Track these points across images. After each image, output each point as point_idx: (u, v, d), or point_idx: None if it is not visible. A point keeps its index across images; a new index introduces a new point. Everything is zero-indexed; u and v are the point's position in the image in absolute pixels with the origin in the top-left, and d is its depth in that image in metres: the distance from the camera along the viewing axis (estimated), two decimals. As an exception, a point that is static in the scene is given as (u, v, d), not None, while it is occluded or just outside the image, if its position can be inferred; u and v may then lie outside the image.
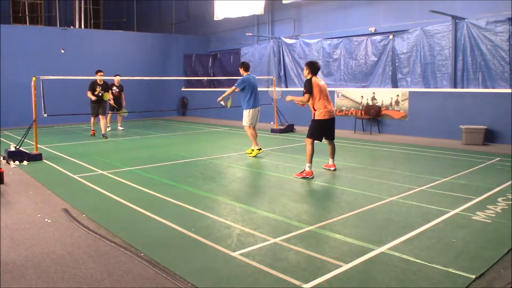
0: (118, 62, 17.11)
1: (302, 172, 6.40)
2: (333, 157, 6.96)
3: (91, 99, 11.50)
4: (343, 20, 14.16)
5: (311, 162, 6.32)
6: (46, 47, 15.78)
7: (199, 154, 8.73)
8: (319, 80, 6.59)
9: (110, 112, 12.72)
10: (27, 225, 4.36)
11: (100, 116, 11.56)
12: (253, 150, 8.40)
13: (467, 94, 10.61)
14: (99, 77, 11.49)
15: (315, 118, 6.47)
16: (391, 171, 6.95)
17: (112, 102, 12.59)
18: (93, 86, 11.54)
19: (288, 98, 6.89)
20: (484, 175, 6.56)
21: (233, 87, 8.47)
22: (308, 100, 6.44)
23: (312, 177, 6.30)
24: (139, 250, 3.67)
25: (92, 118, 11.82)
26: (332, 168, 6.92)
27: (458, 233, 4.04)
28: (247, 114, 8.44)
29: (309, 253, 3.57)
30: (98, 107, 11.57)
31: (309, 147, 6.37)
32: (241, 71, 8.53)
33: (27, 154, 7.92)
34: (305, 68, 6.59)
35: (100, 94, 11.47)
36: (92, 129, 11.97)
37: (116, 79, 13.01)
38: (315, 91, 6.37)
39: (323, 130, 6.52)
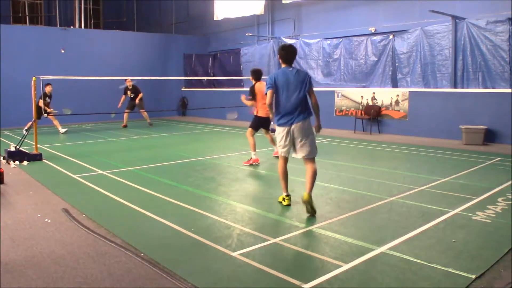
0: (118, 62, 17.12)
1: (249, 160, 7.57)
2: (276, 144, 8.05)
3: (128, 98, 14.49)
4: (343, 20, 14.15)
5: (255, 150, 7.56)
6: (46, 47, 15.76)
7: (199, 154, 8.73)
8: (263, 85, 7.44)
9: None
10: (27, 225, 4.36)
11: (141, 111, 14.47)
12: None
13: (467, 94, 10.61)
14: (128, 83, 14.20)
15: (257, 115, 7.78)
16: (391, 171, 6.95)
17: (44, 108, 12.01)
18: (125, 90, 14.44)
19: (243, 100, 8.05)
20: (484, 175, 6.56)
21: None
22: (252, 104, 7.83)
23: (258, 164, 7.49)
24: (139, 250, 3.67)
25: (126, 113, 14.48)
26: (255, 163, 7.75)
27: (458, 233, 4.04)
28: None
29: (309, 253, 3.57)
30: (133, 104, 14.32)
31: (251, 139, 7.65)
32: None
33: (27, 154, 7.92)
34: (251, 77, 7.89)
35: (132, 96, 14.29)
36: (125, 123, 14.55)
37: (48, 89, 12.04)
38: (258, 96, 7.60)
39: (260, 124, 7.86)
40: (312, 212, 4.57)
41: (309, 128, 4.75)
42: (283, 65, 5.01)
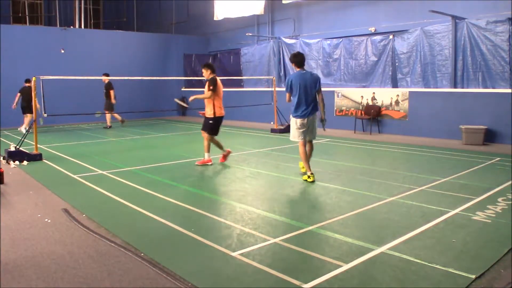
0: (118, 62, 17.11)
1: (202, 160, 7.48)
2: (222, 148, 7.69)
3: None
4: (343, 20, 14.15)
5: (209, 151, 7.47)
6: (46, 47, 15.76)
7: (199, 154, 8.71)
8: (219, 80, 7.41)
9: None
10: (27, 225, 4.36)
11: (105, 112, 13.87)
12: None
13: (467, 94, 10.60)
14: (103, 80, 13.83)
15: (216, 116, 7.27)
16: (391, 171, 6.95)
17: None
18: None
19: (192, 98, 7.46)
20: (484, 175, 6.56)
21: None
22: (211, 97, 7.15)
23: (211, 164, 7.42)
24: (139, 250, 3.67)
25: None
26: (230, 154, 7.77)
27: (458, 233, 4.04)
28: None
29: (309, 253, 3.57)
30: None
31: (206, 142, 7.41)
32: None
33: (27, 154, 7.92)
34: (205, 70, 7.30)
35: (104, 92, 14.03)
36: (119, 119, 14.57)
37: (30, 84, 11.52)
38: (219, 89, 7.24)
39: (218, 125, 7.44)
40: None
41: (316, 119, 6.22)
42: (297, 69, 6.24)
